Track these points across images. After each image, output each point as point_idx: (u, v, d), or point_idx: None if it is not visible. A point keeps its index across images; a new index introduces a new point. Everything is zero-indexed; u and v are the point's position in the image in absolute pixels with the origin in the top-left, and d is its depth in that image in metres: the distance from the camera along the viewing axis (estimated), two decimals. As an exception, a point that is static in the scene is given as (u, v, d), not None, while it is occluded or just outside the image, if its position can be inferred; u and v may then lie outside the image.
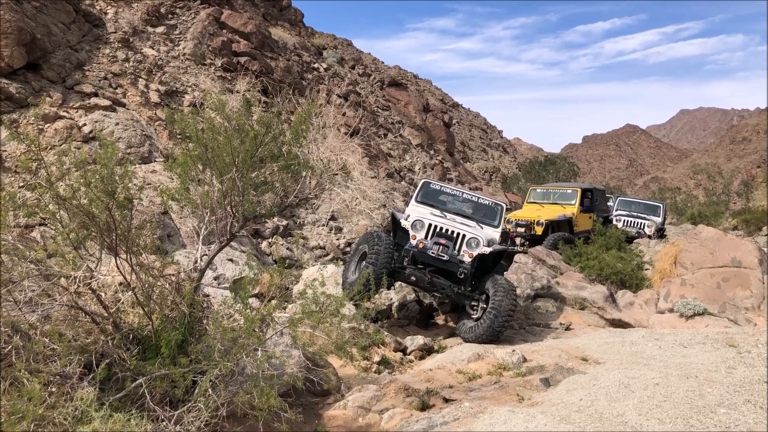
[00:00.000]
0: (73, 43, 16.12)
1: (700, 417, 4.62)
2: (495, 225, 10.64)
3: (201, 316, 5.02)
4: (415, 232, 9.32)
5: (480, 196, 11.26)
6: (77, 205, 4.42)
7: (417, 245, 9.19)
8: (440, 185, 11.21)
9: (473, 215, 10.77)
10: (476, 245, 9.31)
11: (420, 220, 9.40)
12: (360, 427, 5.87)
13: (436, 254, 9.11)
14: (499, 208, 10.95)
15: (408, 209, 10.48)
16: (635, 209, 22.81)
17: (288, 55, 26.43)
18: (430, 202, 10.71)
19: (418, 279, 9.26)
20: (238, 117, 5.43)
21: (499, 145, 69.21)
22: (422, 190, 10.87)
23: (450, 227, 9.43)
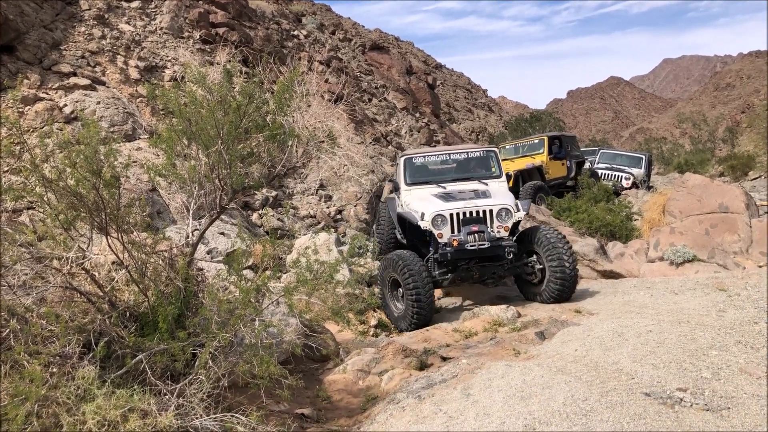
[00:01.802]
0: (47, 22, 15.79)
1: (693, 360, 4.72)
2: (497, 174, 9.90)
3: (196, 290, 5.05)
4: (440, 230, 8.39)
5: (467, 149, 10.40)
6: (64, 187, 4.39)
7: (452, 244, 8.23)
8: (422, 156, 10.22)
9: (471, 174, 10.00)
10: (507, 215, 8.49)
11: (440, 214, 8.38)
12: (360, 390, 5.96)
13: (477, 246, 8.20)
14: (493, 154, 10.17)
15: (404, 197, 9.56)
16: (619, 162, 22.85)
17: (267, 23, 26.04)
18: (422, 180, 9.83)
19: (465, 279, 8.68)
20: (219, 89, 5.38)
21: (485, 104, 68.90)
22: (408, 170, 9.88)
23: (473, 208, 8.46)
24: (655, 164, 41.69)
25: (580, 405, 4.09)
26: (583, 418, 3.90)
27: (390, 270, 8.45)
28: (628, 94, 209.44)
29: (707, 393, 4.15)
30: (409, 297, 8.00)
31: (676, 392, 4.17)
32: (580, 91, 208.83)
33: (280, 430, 4.32)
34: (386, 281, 8.67)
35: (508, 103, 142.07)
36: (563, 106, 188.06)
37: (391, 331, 9.03)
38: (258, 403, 4.67)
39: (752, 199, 12.18)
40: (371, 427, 4.74)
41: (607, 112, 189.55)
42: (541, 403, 4.22)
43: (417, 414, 4.60)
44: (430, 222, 8.40)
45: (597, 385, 4.42)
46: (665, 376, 4.46)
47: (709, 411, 3.90)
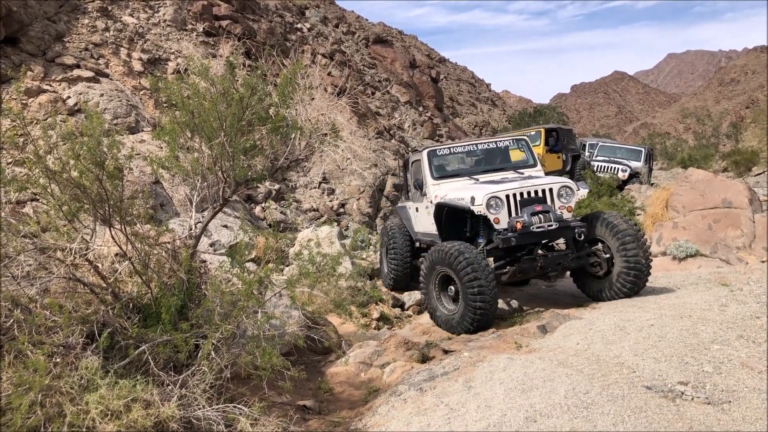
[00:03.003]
0: (51, 14, 15.80)
1: (695, 354, 4.72)
2: (531, 163, 9.00)
3: (199, 281, 5.06)
4: (496, 214, 7.32)
5: (495, 139, 9.50)
6: (67, 178, 4.41)
7: (514, 227, 7.16)
8: (447, 148, 9.25)
9: (504, 164, 9.08)
10: (569, 194, 7.57)
11: (496, 196, 7.32)
12: (362, 382, 5.98)
13: (545, 227, 7.16)
14: (523, 143, 9.30)
15: (432, 192, 8.52)
16: (619, 155, 22.76)
17: (270, 16, 26.01)
18: (451, 173, 8.90)
19: (528, 271, 7.60)
20: (222, 81, 5.38)
21: (488, 98, 68.81)
22: (432, 164, 8.84)
23: (530, 187, 7.52)
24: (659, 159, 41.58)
25: (582, 398, 4.09)
26: (584, 411, 3.91)
27: (439, 265, 7.30)
28: (632, 89, 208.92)
29: (708, 387, 4.16)
30: (469, 295, 6.83)
31: (677, 386, 4.18)
32: (583, 86, 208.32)
33: (282, 421, 4.34)
34: (432, 279, 7.53)
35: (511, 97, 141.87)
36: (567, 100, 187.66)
37: (393, 324, 9.05)
38: (260, 395, 4.69)
39: (756, 194, 12.16)
40: (373, 419, 4.76)
41: (611, 107, 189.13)
42: (542, 396, 4.23)
43: (418, 406, 4.62)
44: (485, 206, 7.27)
45: (598, 378, 4.42)
46: (667, 370, 4.47)
47: (711, 405, 3.90)
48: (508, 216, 7.35)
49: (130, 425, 3.56)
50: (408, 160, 10.15)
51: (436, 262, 7.37)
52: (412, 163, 9.67)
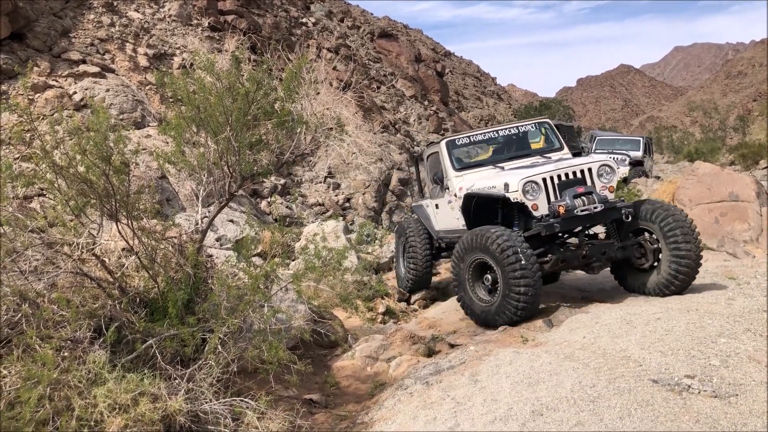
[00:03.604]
0: (57, 10, 15.83)
1: (701, 347, 4.71)
2: (558, 147, 8.47)
3: (205, 276, 5.08)
4: (533, 199, 6.70)
5: (517, 124, 8.84)
6: (74, 173, 4.42)
7: (556, 212, 6.55)
8: (466, 137, 8.62)
9: (528, 150, 8.53)
10: (610, 173, 7.00)
11: (532, 180, 6.72)
12: (368, 376, 6.00)
13: (591, 210, 6.56)
14: (547, 126, 8.75)
15: (456, 184, 7.98)
16: (618, 146, 22.60)
17: (275, 11, 25.98)
18: (474, 163, 8.33)
19: (571, 260, 6.93)
20: (228, 76, 5.38)
21: (494, 92, 68.63)
22: (451, 155, 8.25)
23: (567, 169, 6.94)
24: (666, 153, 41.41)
25: (588, 391, 4.09)
26: (590, 404, 3.91)
27: (475, 251, 6.65)
28: (639, 83, 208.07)
29: (715, 380, 4.15)
30: (512, 283, 6.22)
31: (684, 379, 4.17)
32: (589, 79, 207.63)
33: (289, 415, 4.36)
34: (466, 267, 6.87)
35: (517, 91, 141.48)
36: (573, 94, 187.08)
37: (399, 318, 9.06)
38: (267, 389, 4.70)
39: (763, 187, 12.10)
40: (379, 413, 4.77)
41: (617, 100, 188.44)
42: (548, 389, 4.23)
43: (425, 400, 4.63)
44: (521, 191, 6.67)
45: (605, 371, 4.42)
46: (673, 363, 4.46)
47: (718, 398, 3.89)
48: (546, 201, 6.76)
49: (137, 419, 3.58)
50: (421, 154, 9.69)
51: (470, 247, 6.72)
52: (427, 158, 9.18)
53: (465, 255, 6.84)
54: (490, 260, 6.47)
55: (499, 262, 6.32)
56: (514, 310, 6.29)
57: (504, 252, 6.27)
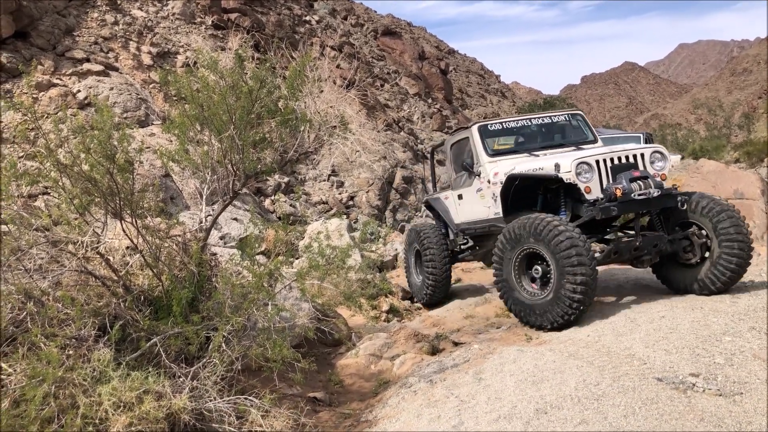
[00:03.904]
0: (60, 8, 15.85)
1: (706, 346, 4.70)
2: (591, 139, 8.11)
3: (210, 274, 5.09)
4: (586, 181, 6.31)
5: (549, 114, 8.52)
6: (78, 172, 4.43)
7: (613, 195, 6.13)
8: (499, 123, 8.21)
9: (562, 140, 8.16)
10: (662, 160, 6.64)
11: (585, 162, 6.34)
12: (372, 374, 6.00)
13: (648, 194, 6.16)
14: (580, 117, 8.42)
15: (489, 169, 7.53)
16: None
17: (279, 9, 25.98)
18: (507, 149, 7.97)
19: (623, 252, 6.40)
20: (231, 74, 5.39)
21: (497, 90, 68.54)
22: (483, 141, 7.86)
23: (620, 153, 6.59)
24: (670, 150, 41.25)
25: (592, 389, 4.09)
26: (594, 403, 3.90)
27: (524, 240, 6.15)
28: (643, 80, 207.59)
29: (720, 378, 4.14)
30: (568, 277, 5.68)
31: (688, 377, 4.16)
32: (594, 77, 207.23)
33: (293, 413, 4.36)
34: (512, 257, 6.34)
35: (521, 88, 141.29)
36: (577, 91, 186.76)
37: (402, 317, 9.06)
38: (271, 387, 4.71)
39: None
40: (383, 411, 4.78)
41: (622, 98, 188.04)
42: (552, 388, 4.22)
43: (429, 398, 4.63)
44: (574, 172, 6.27)
45: (609, 370, 4.42)
46: (678, 362, 4.45)
47: (722, 396, 3.89)
48: (599, 184, 6.37)
49: (142, 417, 3.58)
50: (438, 145, 9.22)
51: (519, 236, 6.19)
52: (451, 146, 8.72)
53: (512, 244, 6.31)
54: (543, 250, 5.95)
55: (554, 251, 5.81)
56: (568, 304, 5.71)
57: (559, 240, 5.75)
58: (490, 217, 7.65)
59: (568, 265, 5.67)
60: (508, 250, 6.38)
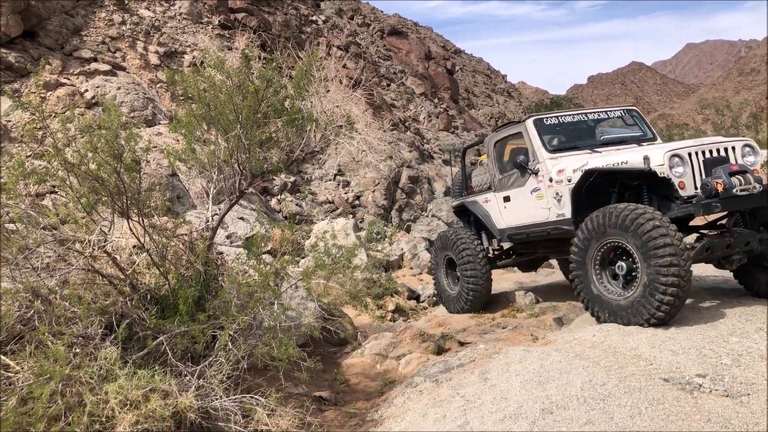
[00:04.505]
0: (68, 8, 15.91)
1: (713, 346, 4.68)
2: (651, 137, 7.54)
3: (216, 273, 5.10)
4: (680, 176, 5.72)
5: (605, 109, 8.00)
6: (86, 171, 4.45)
7: (714, 190, 5.50)
8: (555, 117, 7.59)
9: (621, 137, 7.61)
10: (754, 154, 6.15)
11: (678, 154, 5.77)
12: (378, 374, 6.00)
13: (750, 190, 5.56)
14: (636, 114, 7.89)
15: (550, 166, 6.90)
16: None
17: (285, 8, 26.00)
18: (569, 145, 7.26)
19: (716, 249, 5.73)
20: (238, 73, 5.40)
21: (504, 89, 68.40)
22: (541, 134, 7.20)
23: (711, 146, 6.00)
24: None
25: (598, 390, 4.08)
26: (600, 403, 3.90)
27: (608, 234, 5.58)
28: (650, 80, 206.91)
29: (727, 379, 4.12)
30: (658, 272, 5.13)
31: (695, 378, 4.15)
32: (601, 77, 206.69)
33: (299, 412, 4.37)
34: (592, 251, 5.79)
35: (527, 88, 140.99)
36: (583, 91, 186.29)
37: (408, 316, 9.06)
38: (277, 386, 4.72)
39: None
40: (389, 410, 4.78)
41: (629, 98, 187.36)
42: (558, 388, 4.22)
43: (434, 397, 4.63)
44: (667, 165, 5.71)
45: (615, 370, 4.40)
46: (684, 362, 4.44)
47: (729, 397, 3.87)
48: (693, 179, 5.79)
49: (148, 415, 3.60)
50: (483, 142, 8.54)
51: (602, 228, 5.62)
52: (495, 144, 8.06)
53: (593, 238, 5.73)
54: (629, 244, 5.40)
55: (642, 245, 5.25)
56: (656, 306, 5.15)
57: (650, 234, 5.18)
58: (550, 220, 6.98)
59: (659, 261, 5.13)
60: (587, 244, 5.81)
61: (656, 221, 5.21)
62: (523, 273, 9.92)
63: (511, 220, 7.72)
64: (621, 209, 5.47)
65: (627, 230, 5.36)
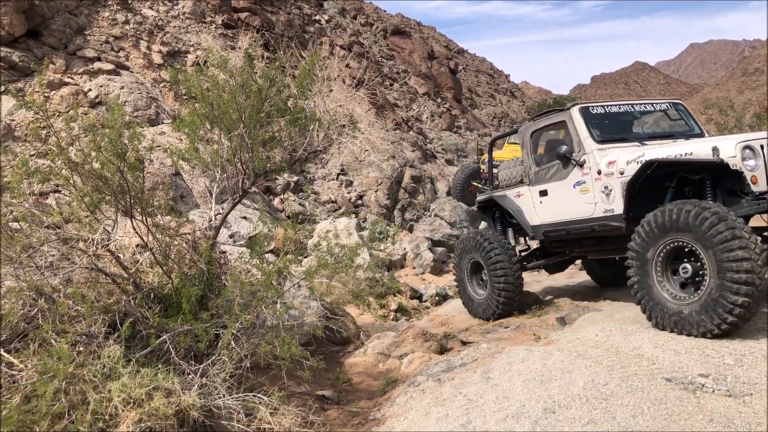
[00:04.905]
0: (72, 7, 15.93)
1: (716, 346, 4.68)
2: (698, 132, 7.09)
3: (219, 272, 5.11)
4: (752, 169, 5.27)
5: (651, 101, 7.54)
6: (89, 170, 4.46)
7: None
8: (601, 106, 7.08)
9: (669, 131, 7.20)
10: None
11: (749, 146, 5.33)
12: (380, 373, 6.01)
13: None
14: (682, 108, 7.44)
15: (598, 158, 6.43)
16: None
17: (288, 8, 26.01)
18: (617, 136, 6.77)
19: None
20: (241, 73, 5.41)
21: (507, 89, 68.32)
22: (588, 124, 6.71)
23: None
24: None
25: (601, 389, 4.08)
26: (603, 402, 3.90)
27: (671, 230, 5.13)
28: (653, 80, 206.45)
29: (730, 379, 4.12)
30: (729, 275, 4.68)
31: (697, 378, 4.15)
32: (604, 77, 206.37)
33: (301, 410, 4.38)
34: (654, 252, 5.32)
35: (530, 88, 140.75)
36: (587, 91, 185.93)
37: (411, 316, 9.06)
38: (279, 384, 4.73)
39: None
40: (391, 409, 4.78)
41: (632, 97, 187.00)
42: (561, 387, 4.22)
43: (437, 396, 4.63)
44: (740, 157, 5.26)
45: (618, 369, 4.40)
46: (687, 362, 4.43)
47: (732, 397, 3.87)
48: (765, 172, 5.31)
49: (151, 413, 3.61)
50: (517, 132, 8.04)
51: (665, 226, 5.17)
52: (532, 134, 7.61)
53: (655, 237, 5.28)
54: (697, 245, 4.96)
55: (710, 244, 4.82)
56: (727, 310, 4.70)
57: (723, 235, 4.75)
58: (596, 216, 6.50)
59: (730, 263, 4.70)
60: (648, 244, 5.36)
61: (729, 221, 4.78)
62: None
63: (548, 216, 7.26)
64: (688, 206, 5.03)
65: (695, 229, 4.92)
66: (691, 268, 5.08)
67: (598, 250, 7.12)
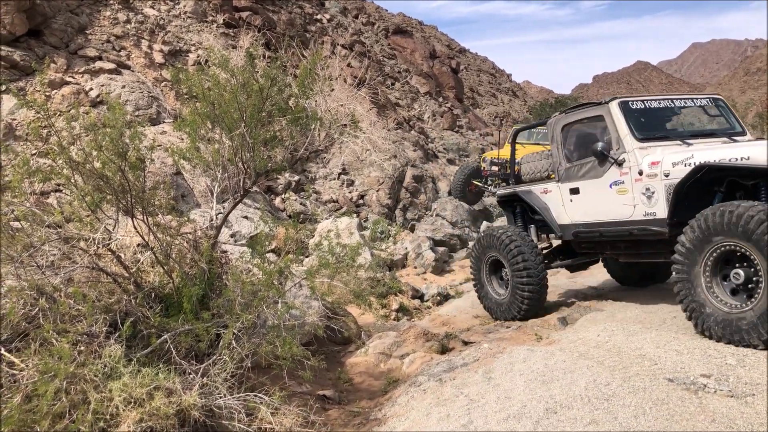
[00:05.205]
0: (73, 6, 15.94)
1: (718, 346, 4.67)
2: (740, 131, 6.77)
3: (220, 272, 5.11)
4: None
5: (690, 96, 7.10)
6: (90, 169, 4.46)
7: None
8: (641, 101, 6.63)
9: (710, 128, 6.90)
10: None
11: None
12: (382, 373, 6.00)
13: None
14: (722, 104, 7.06)
15: (639, 156, 6.07)
16: None
17: (290, 7, 26.01)
18: (659, 134, 6.42)
19: None
20: (242, 72, 5.41)
21: (509, 89, 68.26)
22: (631, 119, 6.32)
23: None
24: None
25: (602, 389, 4.07)
26: (605, 403, 3.89)
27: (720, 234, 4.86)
28: (656, 79, 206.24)
29: (732, 379, 4.11)
30: None
31: (699, 378, 4.14)
32: (606, 76, 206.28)
33: (303, 410, 4.37)
34: (702, 255, 5.04)
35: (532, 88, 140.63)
36: (589, 91, 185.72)
37: (412, 315, 9.06)
38: (280, 384, 4.73)
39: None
40: (392, 409, 4.78)
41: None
42: (562, 387, 4.21)
43: (438, 396, 4.62)
44: None
45: (619, 370, 4.40)
46: (689, 362, 4.43)
47: (734, 397, 3.86)
48: None
49: (152, 413, 3.60)
50: (546, 124, 7.70)
51: (716, 229, 4.87)
52: (563, 127, 7.20)
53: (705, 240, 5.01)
54: (751, 250, 4.72)
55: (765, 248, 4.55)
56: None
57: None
58: (634, 219, 6.18)
59: None
60: (697, 247, 5.05)
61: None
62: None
63: (579, 216, 6.93)
64: (742, 209, 4.72)
65: (750, 234, 4.62)
66: (744, 273, 4.80)
67: (632, 254, 6.78)
